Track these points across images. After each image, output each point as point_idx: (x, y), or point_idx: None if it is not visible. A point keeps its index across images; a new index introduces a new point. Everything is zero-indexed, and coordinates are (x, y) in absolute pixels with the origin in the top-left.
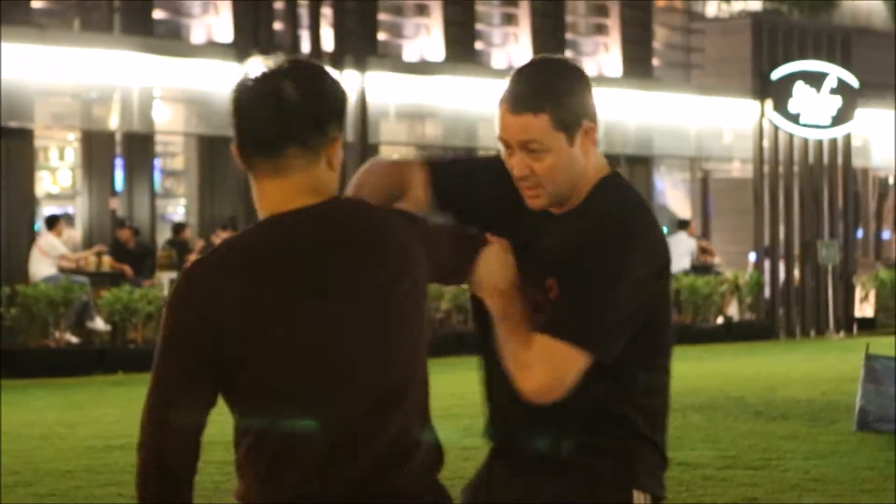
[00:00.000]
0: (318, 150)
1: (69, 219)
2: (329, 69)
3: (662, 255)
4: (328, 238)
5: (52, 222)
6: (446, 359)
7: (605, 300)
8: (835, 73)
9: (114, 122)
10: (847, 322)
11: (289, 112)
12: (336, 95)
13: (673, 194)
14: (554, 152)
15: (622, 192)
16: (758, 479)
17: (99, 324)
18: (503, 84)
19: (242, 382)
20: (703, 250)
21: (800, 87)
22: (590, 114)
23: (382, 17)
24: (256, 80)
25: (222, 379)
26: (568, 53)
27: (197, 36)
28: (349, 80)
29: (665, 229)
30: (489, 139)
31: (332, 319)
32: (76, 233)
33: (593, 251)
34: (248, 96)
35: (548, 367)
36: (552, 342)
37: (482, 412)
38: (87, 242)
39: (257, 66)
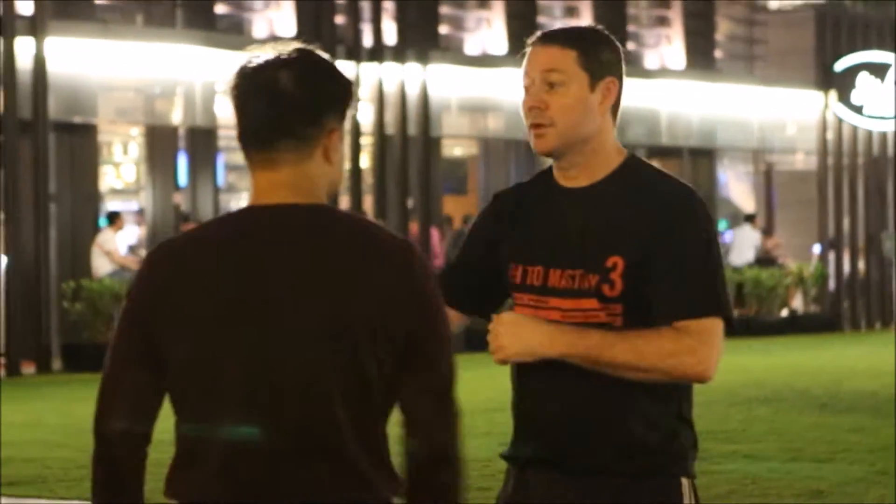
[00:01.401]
0: (312, 143)
1: (140, 214)
2: (328, 57)
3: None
4: (278, 242)
5: (111, 218)
6: None
7: (709, 268)
8: None
9: (177, 117)
10: None
11: (282, 103)
12: (335, 85)
13: (736, 187)
14: (573, 90)
15: (658, 171)
16: (823, 471)
17: None
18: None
19: (165, 376)
20: (775, 245)
21: (863, 78)
22: (616, 74)
23: (444, 10)
24: (253, 69)
25: (155, 369)
26: (630, 45)
27: (259, 30)
28: (411, 73)
29: (725, 222)
30: None
31: (239, 325)
32: (139, 229)
33: (670, 225)
34: (244, 87)
35: (707, 346)
36: (696, 322)
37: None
38: (152, 238)
39: (256, 54)
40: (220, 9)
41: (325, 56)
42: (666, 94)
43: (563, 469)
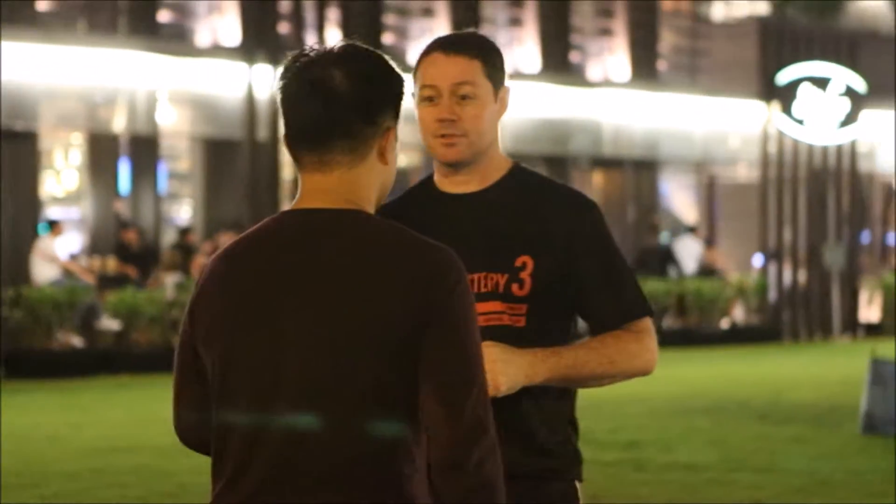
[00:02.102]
0: (368, 143)
1: (81, 221)
2: (383, 53)
3: None
4: (308, 249)
5: (51, 225)
6: None
7: (630, 271)
8: (841, 77)
9: (119, 124)
10: (852, 326)
11: (336, 101)
12: (390, 80)
13: (679, 198)
14: (481, 101)
15: (547, 177)
16: (763, 482)
17: (109, 323)
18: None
19: (209, 378)
20: (718, 257)
21: (805, 90)
22: (505, 84)
23: (388, 19)
24: (302, 66)
25: (202, 371)
26: (574, 56)
27: (202, 38)
28: None
29: (667, 234)
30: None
31: (274, 331)
32: (80, 237)
33: (585, 232)
34: (294, 85)
35: (653, 341)
36: (640, 323)
37: None
38: (93, 245)
39: (305, 50)
40: (163, 16)
41: (376, 50)
42: (609, 105)
43: None
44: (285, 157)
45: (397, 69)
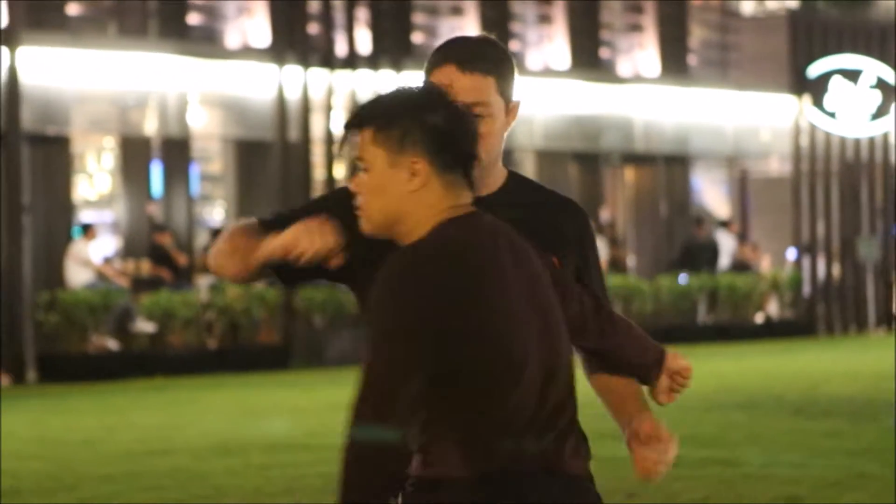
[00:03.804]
0: None
1: (114, 225)
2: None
3: None
4: (500, 238)
5: (84, 229)
6: None
7: (601, 276)
8: (872, 69)
9: (150, 127)
10: (887, 318)
11: (475, 131)
12: None
13: (711, 193)
14: (493, 119)
15: (539, 184)
16: (799, 476)
17: (144, 325)
18: (530, 86)
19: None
20: (753, 248)
21: (837, 82)
22: (514, 94)
23: (417, 18)
24: (444, 98)
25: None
26: (604, 52)
27: (232, 40)
28: (385, 81)
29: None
30: (524, 135)
31: (513, 309)
32: (114, 240)
33: (580, 235)
34: (453, 114)
35: None
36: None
37: None
38: (127, 248)
39: (429, 86)
40: (193, 18)
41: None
42: (640, 100)
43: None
44: (317, 157)
45: None
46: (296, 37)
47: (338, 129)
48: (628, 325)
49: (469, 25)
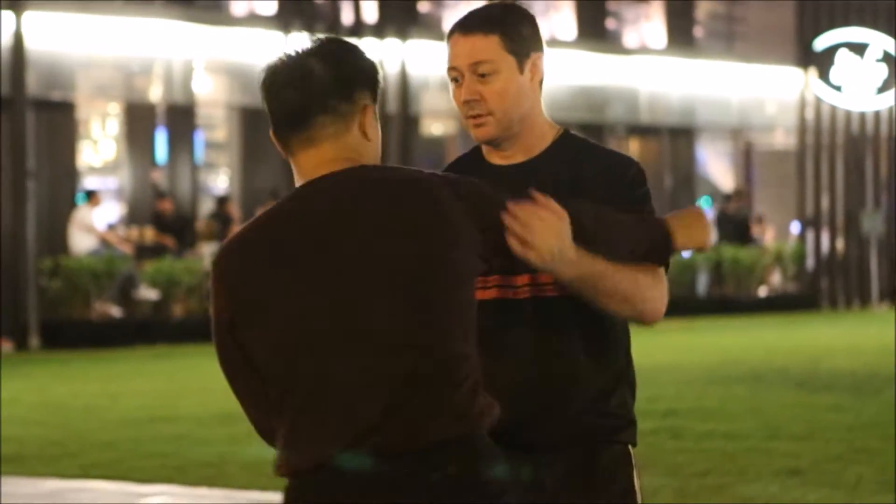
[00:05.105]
0: (347, 118)
1: (117, 192)
2: (363, 42)
3: None
4: (340, 206)
5: (88, 195)
6: None
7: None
8: (879, 42)
9: (155, 94)
10: (891, 293)
11: (314, 83)
12: (363, 64)
13: (716, 165)
14: (504, 76)
15: (594, 143)
16: (801, 450)
17: (147, 293)
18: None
19: (257, 350)
20: (758, 220)
21: (843, 56)
22: (538, 48)
23: None
24: (283, 61)
25: (244, 349)
26: (610, 23)
27: (238, 7)
28: (391, 50)
29: (709, 200)
30: None
31: (329, 287)
32: (118, 206)
33: (626, 188)
34: (276, 77)
35: (665, 290)
36: (657, 269)
37: None
38: (130, 215)
39: (287, 47)
40: None
41: (347, 41)
42: (645, 72)
43: (518, 445)
44: None
45: (372, 58)
46: (302, 5)
47: None
48: (633, 221)
49: None
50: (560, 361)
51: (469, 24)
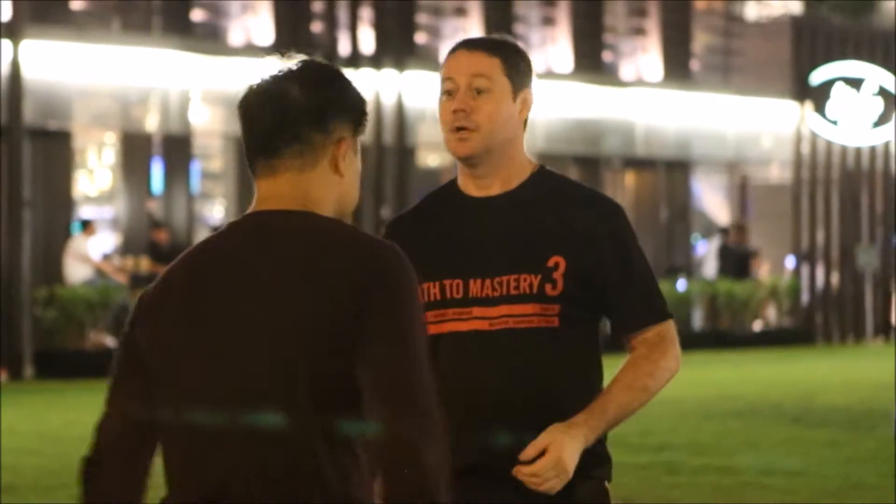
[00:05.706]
0: (317, 150)
1: (113, 222)
2: (347, 70)
3: None
4: (235, 257)
5: (84, 225)
6: None
7: (652, 276)
8: (875, 77)
9: (152, 124)
10: (885, 328)
11: (287, 109)
12: (346, 94)
13: (711, 199)
14: (497, 97)
15: (570, 179)
16: (796, 485)
17: None
18: (539, 84)
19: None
20: (753, 254)
21: (839, 90)
22: (531, 86)
23: (421, 18)
24: (260, 84)
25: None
26: (607, 55)
27: (235, 37)
28: (387, 81)
29: (699, 235)
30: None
31: (202, 344)
32: (113, 236)
33: (610, 234)
34: (250, 99)
35: (676, 344)
36: (663, 326)
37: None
38: (126, 245)
39: (266, 69)
40: (197, 15)
41: (335, 66)
42: (642, 104)
43: (495, 475)
44: None
45: (356, 87)
46: (299, 35)
47: None
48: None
49: (472, 26)
50: (535, 394)
51: (474, 43)
